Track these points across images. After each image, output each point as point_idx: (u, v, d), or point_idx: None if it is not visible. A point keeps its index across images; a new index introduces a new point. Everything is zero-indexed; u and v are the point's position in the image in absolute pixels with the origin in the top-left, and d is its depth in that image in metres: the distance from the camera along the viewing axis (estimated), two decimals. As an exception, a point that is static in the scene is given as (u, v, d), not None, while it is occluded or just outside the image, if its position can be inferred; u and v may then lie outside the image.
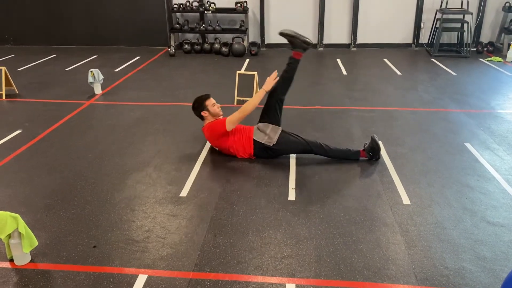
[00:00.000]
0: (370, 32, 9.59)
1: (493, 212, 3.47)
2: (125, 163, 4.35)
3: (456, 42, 9.43)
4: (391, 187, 3.86)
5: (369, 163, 4.29)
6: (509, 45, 8.57)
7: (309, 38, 4.40)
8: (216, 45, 9.20)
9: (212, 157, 4.47)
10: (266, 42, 9.78)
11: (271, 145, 4.27)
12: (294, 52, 4.39)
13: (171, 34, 9.68)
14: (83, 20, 9.83)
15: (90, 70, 6.44)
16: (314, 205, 3.58)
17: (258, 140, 4.31)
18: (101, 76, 6.55)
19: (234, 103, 6.01)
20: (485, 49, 9.08)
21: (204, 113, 4.38)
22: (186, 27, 9.51)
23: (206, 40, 9.78)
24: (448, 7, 8.97)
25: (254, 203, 3.62)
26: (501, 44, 9.14)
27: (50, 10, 9.84)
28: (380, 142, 4.37)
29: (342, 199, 3.68)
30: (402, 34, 9.62)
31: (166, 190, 3.86)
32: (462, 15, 8.94)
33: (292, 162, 4.32)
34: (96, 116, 5.68)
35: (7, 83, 6.45)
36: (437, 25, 8.94)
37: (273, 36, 9.73)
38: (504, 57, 8.47)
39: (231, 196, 3.74)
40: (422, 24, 9.44)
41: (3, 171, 4.23)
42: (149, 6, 9.57)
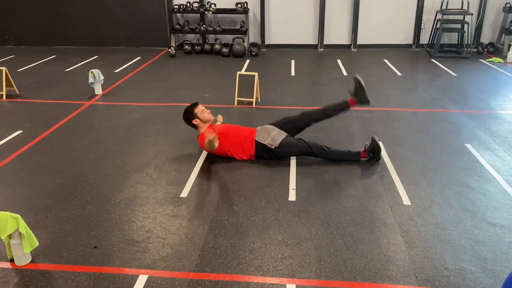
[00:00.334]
0: (370, 33, 9.59)
1: (493, 213, 3.47)
2: (126, 164, 4.36)
3: (456, 43, 9.43)
4: (391, 188, 3.86)
5: (370, 164, 4.29)
6: (510, 46, 8.58)
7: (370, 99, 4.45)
8: (217, 46, 9.20)
9: (212, 157, 4.47)
10: (266, 42, 9.79)
11: (273, 147, 4.28)
12: (351, 99, 4.42)
13: (172, 35, 9.69)
14: (83, 20, 9.85)
15: (91, 70, 6.45)
16: (314, 206, 3.58)
17: (260, 141, 4.31)
18: (102, 77, 6.55)
19: (234, 104, 6.02)
20: (486, 50, 9.09)
21: (195, 121, 4.39)
22: (186, 27, 9.51)
23: (207, 40, 9.80)
24: (448, 8, 8.98)
25: (255, 204, 3.62)
26: (501, 45, 9.15)
27: (51, 10, 9.85)
28: (380, 143, 4.37)
29: (343, 199, 3.68)
30: (402, 34, 9.63)
31: (166, 190, 3.86)
32: (463, 16, 8.95)
33: (293, 162, 4.32)
34: (97, 116, 5.68)
35: (8, 84, 6.45)
36: (438, 26, 8.94)
37: (274, 37, 9.75)
38: (505, 57, 8.48)
39: (232, 197, 3.74)
40: (422, 25, 9.44)
41: (4, 172, 4.23)
42: (149, 7, 9.58)
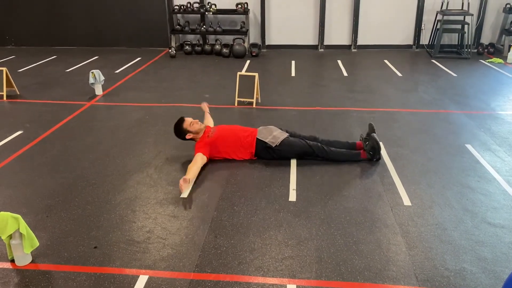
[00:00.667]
0: (370, 34, 9.60)
1: (493, 213, 3.47)
2: (126, 164, 4.36)
3: (456, 43, 9.43)
4: (391, 188, 3.86)
5: (370, 164, 4.29)
6: (510, 46, 8.59)
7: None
8: (217, 46, 9.20)
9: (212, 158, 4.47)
10: (266, 43, 9.79)
11: (274, 145, 4.28)
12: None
13: (172, 35, 9.69)
14: (84, 21, 9.85)
15: (91, 71, 6.45)
16: (314, 206, 3.59)
17: (261, 138, 4.31)
18: (102, 77, 6.55)
19: (235, 104, 6.02)
20: (486, 50, 9.09)
21: (188, 136, 4.38)
22: (187, 28, 9.51)
23: (207, 41, 9.80)
24: (448, 9, 8.98)
25: (255, 204, 3.63)
26: (501, 45, 9.15)
27: (51, 11, 9.86)
28: (381, 143, 4.37)
29: (343, 200, 3.68)
30: (403, 35, 9.63)
31: (167, 191, 3.86)
32: (463, 17, 8.95)
33: (293, 163, 4.32)
34: (97, 117, 5.69)
35: (8, 84, 6.46)
36: (438, 27, 8.94)
37: (274, 37, 9.75)
38: (505, 58, 8.48)
39: (232, 197, 3.74)
40: (422, 25, 9.44)
41: (4, 172, 4.23)
42: (149, 7, 9.59)
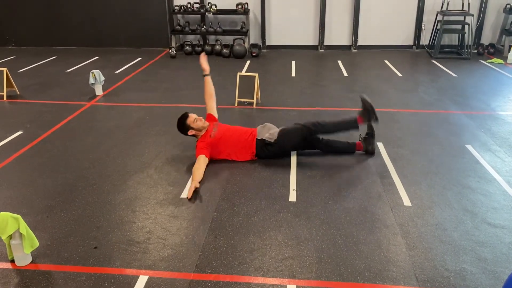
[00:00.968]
0: (371, 34, 9.60)
1: (494, 214, 3.47)
2: (126, 164, 4.36)
3: (457, 43, 9.43)
4: (391, 189, 3.86)
5: (370, 165, 4.29)
6: (510, 47, 8.59)
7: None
8: (217, 47, 9.21)
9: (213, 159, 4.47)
10: (267, 43, 9.79)
11: (273, 141, 4.29)
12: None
13: (172, 36, 9.70)
14: (84, 21, 9.85)
15: (91, 71, 6.45)
16: (314, 207, 3.58)
17: (260, 137, 4.33)
18: (102, 78, 6.56)
19: (235, 105, 6.02)
20: (486, 50, 9.09)
21: (190, 132, 4.36)
22: (187, 28, 9.52)
23: (207, 41, 9.80)
24: (449, 9, 8.98)
25: (255, 204, 3.62)
26: (502, 45, 9.15)
27: (51, 11, 9.86)
28: (370, 101, 4.28)
29: (343, 200, 3.68)
30: (403, 35, 9.63)
31: (167, 191, 3.86)
32: (463, 17, 8.95)
33: (293, 163, 4.33)
34: (97, 117, 5.69)
35: (9, 84, 6.46)
36: (438, 27, 8.94)
37: (274, 38, 9.75)
38: (505, 58, 8.47)
39: (232, 197, 3.74)
40: (423, 25, 9.44)
41: (5, 172, 4.23)
42: (150, 8, 9.59)
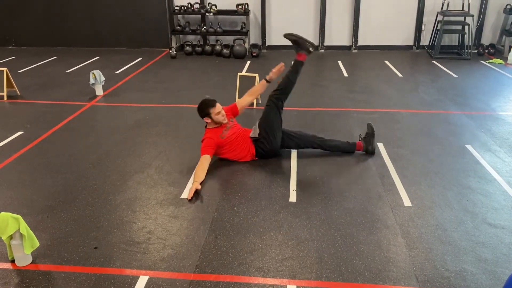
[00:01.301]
0: (371, 34, 9.60)
1: (494, 214, 3.47)
2: (127, 165, 4.36)
3: (457, 44, 9.43)
4: (392, 189, 3.86)
5: (370, 165, 4.29)
6: (510, 47, 8.59)
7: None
8: (217, 47, 9.21)
9: (213, 158, 4.46)
10: (267, 44, 9.79)
11: (257, 135, 4.31)
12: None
13: (172, 36, 9.70)
14: (84, 21, 9.86)
15: (92, 71, 6.46)
16: (315, 207, 3.58)
17: (251, 136, 4.36)
18: (103, 78, 6.56)
19: (235, 105, 6.01)
20: (486, 51, 9.09)
21: (206, 119, 4.25)
22: (187, 29, 9.52)
23: (207, 42, 9.80)
24: (449, 9, 8.98)
25: (255, 205, 3.62)
26: (502, 46, 9.15)
27: (52, 12, 9.87)
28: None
29: (343, 200, 3.68)
30: (403, 36, 9.63)
31: (167, 191, 3.86)
32: (463, 17, 8.95)
33: (293, 163, 4.33)
34: (98, 117, 5.69)
35: (9, 85, 6.46)
36: (438, 27, 8.94)
37: (275, 38, 9.75)
38: (505, 59, 8.47)
39: (232, 198, 3.74)
40: (423, 26, 9.45)
41: (5, 173, 4.23)
42: (150, 8, 9.60)
